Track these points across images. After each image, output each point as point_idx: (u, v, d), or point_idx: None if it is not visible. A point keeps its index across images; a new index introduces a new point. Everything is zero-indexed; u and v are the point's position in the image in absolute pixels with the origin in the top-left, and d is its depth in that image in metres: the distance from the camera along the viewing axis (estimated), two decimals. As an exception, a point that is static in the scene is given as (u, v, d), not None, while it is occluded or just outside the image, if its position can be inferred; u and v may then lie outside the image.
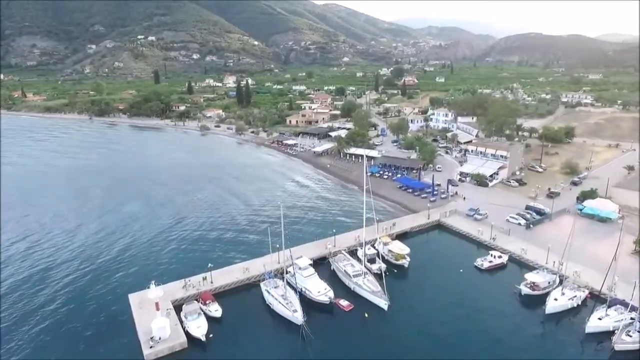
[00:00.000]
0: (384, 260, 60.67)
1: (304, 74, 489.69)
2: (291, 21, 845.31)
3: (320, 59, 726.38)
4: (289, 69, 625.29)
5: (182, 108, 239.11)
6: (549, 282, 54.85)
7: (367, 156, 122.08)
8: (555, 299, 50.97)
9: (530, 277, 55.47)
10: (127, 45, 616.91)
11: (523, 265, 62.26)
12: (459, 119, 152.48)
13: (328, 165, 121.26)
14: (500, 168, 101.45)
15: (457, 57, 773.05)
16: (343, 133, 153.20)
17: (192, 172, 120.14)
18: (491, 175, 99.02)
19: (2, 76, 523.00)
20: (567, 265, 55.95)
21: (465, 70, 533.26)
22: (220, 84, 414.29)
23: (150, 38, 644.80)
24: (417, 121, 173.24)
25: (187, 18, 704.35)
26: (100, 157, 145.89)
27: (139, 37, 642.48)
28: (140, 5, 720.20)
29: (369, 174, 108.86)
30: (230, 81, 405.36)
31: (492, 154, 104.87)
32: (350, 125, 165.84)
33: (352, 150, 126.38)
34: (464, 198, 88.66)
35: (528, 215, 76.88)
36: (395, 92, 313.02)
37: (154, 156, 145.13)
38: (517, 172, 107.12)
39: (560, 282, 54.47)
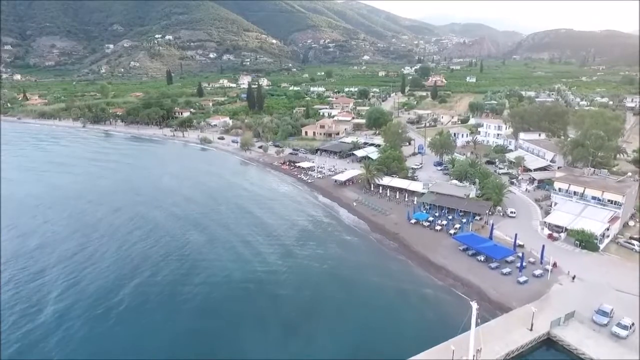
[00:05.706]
0: None
1: (322, 73, 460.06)
2: (310, 19, 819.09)
3: (339, 58, 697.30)
4: (308, 67, 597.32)
5: (186, 114, 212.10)
6: None
7: (408, 190, 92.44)
8: None
9: None
10: (144, 45, 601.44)
11: None
12: (521, 135, 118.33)
13: (354, 203, 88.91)
14: (611, 220, 68.81)
15: (482, 55, 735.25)
16: (371, 151, 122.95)
17: (174, 216, 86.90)
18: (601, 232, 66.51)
19: (19, 77, 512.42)
20: None
21: (494, 69, 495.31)
22: (234, 85, 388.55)
23: (167, 37, 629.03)
24: (462, 135, 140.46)
25: (205, 17, 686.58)
26: (56, 188, 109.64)
27: (156, 36, 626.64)
28: (159, 5, 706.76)
29: (413, 221, 78.54)
30: (245, 81, 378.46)
31: (594, 197, 72.25)
32: (379, 139, 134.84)
33: (387, 180, 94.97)
34: (573, 277, 56.42)
35: None
36: (424, 94, 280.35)
37: (132, 188, 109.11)
38: (631, 223, 74.18)
39: None
